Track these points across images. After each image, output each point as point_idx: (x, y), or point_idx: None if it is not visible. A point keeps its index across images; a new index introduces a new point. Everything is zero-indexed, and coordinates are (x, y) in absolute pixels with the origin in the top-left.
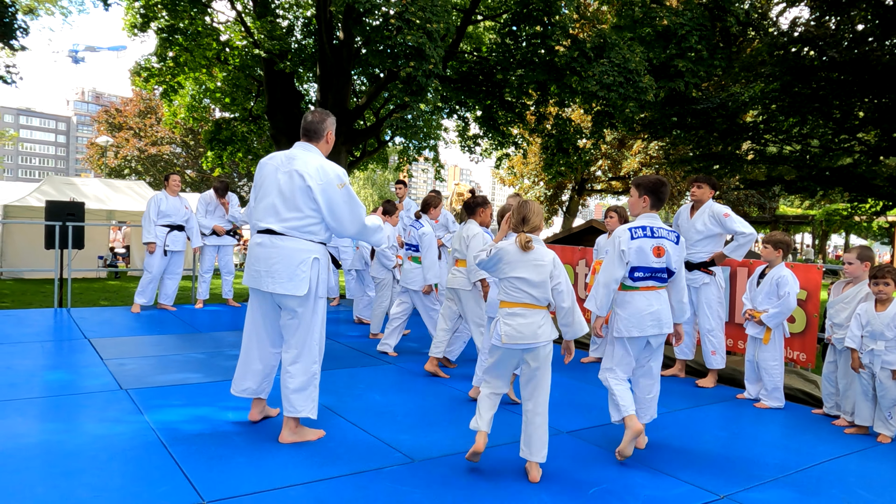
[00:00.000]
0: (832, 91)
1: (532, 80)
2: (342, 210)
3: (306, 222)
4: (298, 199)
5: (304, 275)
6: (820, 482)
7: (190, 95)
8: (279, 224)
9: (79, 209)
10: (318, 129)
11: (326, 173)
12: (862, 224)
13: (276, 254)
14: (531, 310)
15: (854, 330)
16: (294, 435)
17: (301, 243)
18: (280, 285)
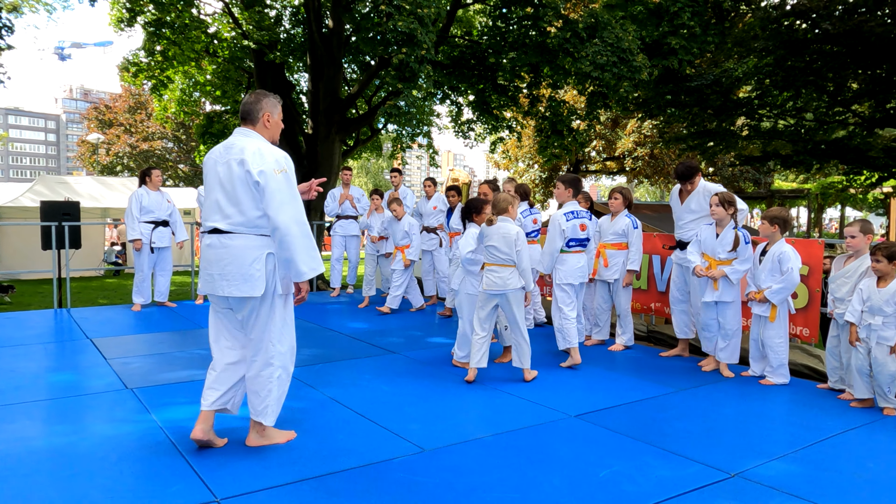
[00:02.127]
0: (826, 64)
1: (524, 62)
2: (276, 197)
3: (253, 215)
4: (239, 191)
5: (259, 273)
6: (829, 456)
7: (180, 89)
8: (224, 222)
9: (74, 209)
10: (251, 111)
11: (264, 157)
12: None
13: (227, 254)
14: (502, 268)
15: (855, 304)
16: (261, 438)
17: (251, 239)
18: (235, 287)
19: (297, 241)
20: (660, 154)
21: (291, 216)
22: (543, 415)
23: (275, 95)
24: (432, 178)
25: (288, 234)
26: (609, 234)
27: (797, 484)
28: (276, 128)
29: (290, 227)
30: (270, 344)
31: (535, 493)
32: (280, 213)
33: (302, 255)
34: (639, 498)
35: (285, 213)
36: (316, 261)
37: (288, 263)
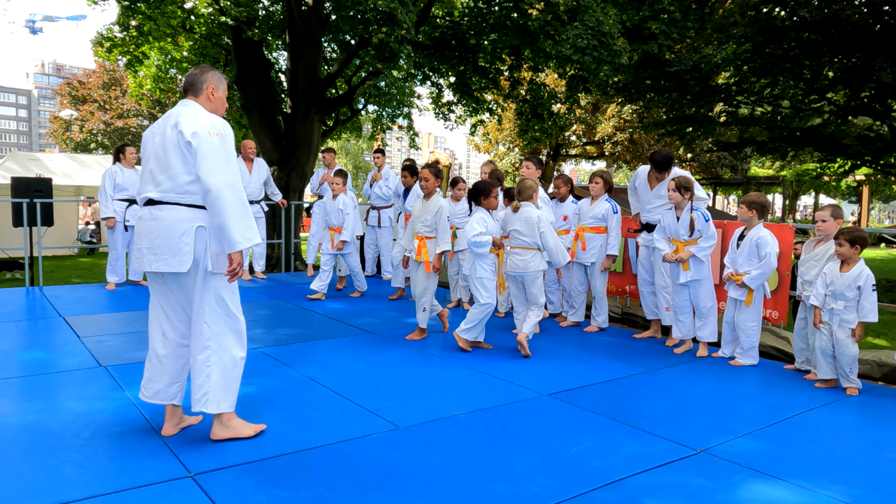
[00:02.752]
0: (803, 51)
1: (505, 44)
2: (210, 159)
3: (183, 181)
4: (171, 155)
5: (188, 247)
6: (792, 434)
7: (155, 66)
8: (156, 190)
9: (46, 185)
10: (195, 82)
11: (199, 120)
12: (831, 184)
13: (156, 227)
14: (525, 251)
15: (819, 288)
16: (225, 430)
17: (181, 211)
18: (163, 262)
19: (231, 207)
20: (639, 139)
21: (225, 180)
22: (517, 393)
23: (221, 72)
24: (411, 160)
25: (220, 199)
26: (588, 218)
27: (760, 460)
28: (219, 103)
29: (222, 190)
30: (205, 325)
31: (507, 470)
32: (212, 176)
33: (235, 223)
34: (608, 473)
35: (218, 176)
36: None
37: (220, 231)
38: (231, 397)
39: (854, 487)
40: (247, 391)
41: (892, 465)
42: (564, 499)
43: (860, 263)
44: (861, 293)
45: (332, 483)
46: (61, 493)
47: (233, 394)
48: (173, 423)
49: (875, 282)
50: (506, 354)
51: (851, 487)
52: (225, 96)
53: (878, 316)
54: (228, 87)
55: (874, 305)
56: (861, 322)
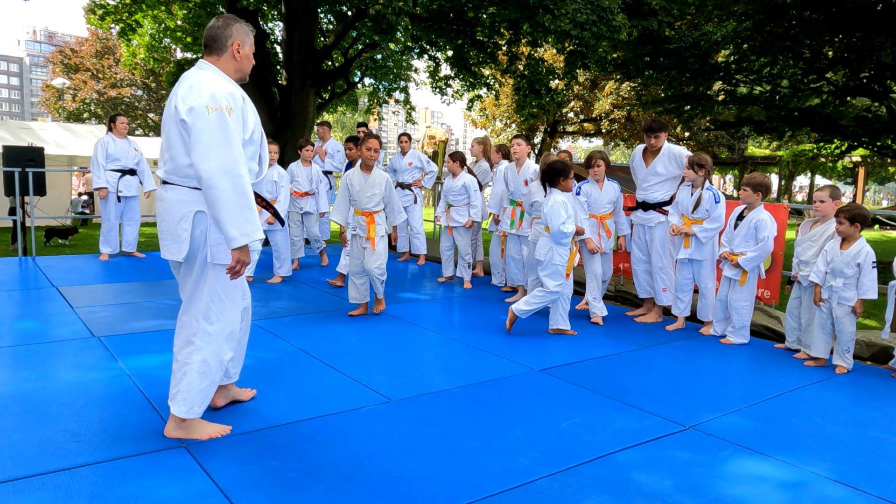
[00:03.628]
0: (803, 30)
1: (504, 18)
2: (203, 141)
3: (182, 162)
4: (172, 132)
5: (186, 234)
6: (780, 411)
7: (149, 35)
8: (162, 170)
9: (38, 154)
10: (218, 37)
11: (199, 91)
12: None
13: (162, 209)
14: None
15: (820, 266)
16: (178, 430)
17: (181, 193)
18: (166, 248)
19: (225, 197)
20: (637, 117)
21: (219, 165)
22: (509, 368)
23: (247, 23)
24: (407, 134)
25: (213, 188)
26: (606, 204)
27: (748, 436)
28: (246, 61)
29: (215, 178)
30: (195, 320)
31: (496, 443)
32: (204, 161)
33: (230, 215)
34: (597, 448)
35: (211, 160)
36: (250, 224)
37: (216, 224)
38: (204, 403)
39: (840, 464)
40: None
41: (877, 443)
42: (553, 472)
43: (861, 241)
44: (861, 270)
45: (324, 454)
46: (54, 462)
47: (207, 398)
48: (221, 395)
49: (875, 259)
50: (499, 329)
51: (837, 464)
52: (252, 51)
53: (876, 294)
54: None
55: (874, 283)
56: (861, 299)
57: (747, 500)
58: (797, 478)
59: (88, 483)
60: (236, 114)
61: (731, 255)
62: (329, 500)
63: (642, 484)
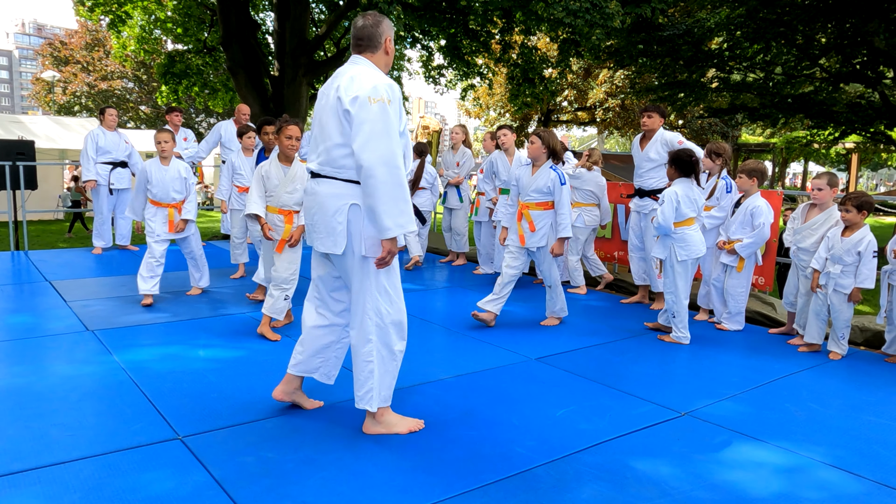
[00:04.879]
0: (796, 16)
1: (497, 6)
2: (367, 131)
3: (340, 153)
4: (330, 123)
5: (341, 227)
6: (775, 397)
7: (139, 26)
8: (315, 162)
9: (29, 148)
10: (373, 35)
11: (361, 83)
12: (820, 151)
13: (314, 202)
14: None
15: (821, 252)
16: (377, 425)
17: (336, 186)
18: (320, 241)
19: (384, 188)
20: (631, 105)
21: (380, 156)
22: (505, 357)
23: (389, 20)
24: None
25: (372, 177)
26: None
27: (742, 422)
28: (392, 56)
29: (375, 168)
30: (367, 316)
31: (493, 431)
32: (366, 150)
33: (387, 206)
34: (593, 435)
35: (373, 150)
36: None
37: (371, 214)
38: (388, 392)
39: (834, 448)
40: (236, 354)
41: (871, 427)
42: (549, 460)
43: (864, 229)
44: (861, 259)
45: (320, 444)
46: (50, 455)
47: (390, 389)
48: (285, 389)
49: (877, 248)
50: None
51: (832, 448)
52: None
53: (874, 283)
54: (212, 48)
55: (872, 272)
56: (858, 287)
57: (744, 486)
58: (793, 463)
59: (84, 476)
60: (395, 105)
61: (728, 243)
62: (325, 490)
63: (639, 471)
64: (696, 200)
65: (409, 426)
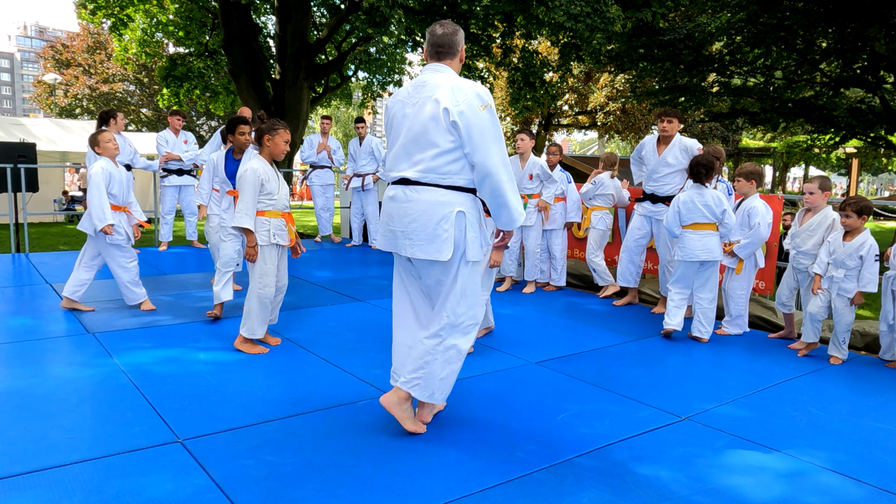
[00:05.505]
0: (797, 20)
1: (498, 10)
2: (484, 137)
3: (444, 160)
4: (432, 133)
5: (447, 234)
6: (775, 401)
7: (141, 29)
8: (411, 169)
9: (30, 150)
10: (452, 43)
11: (463, 92)
12: (821, 156)
13: (412, 209)
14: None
15: (822, 256)
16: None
17: (440, 193)
18: (419, 248)
19: (508, 186)
20: (631, 109)
21: (500, 159)
22: (505, 361)
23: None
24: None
25: (499, 180)
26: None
27: (743, 426)
28: (462, 63)
29: (499, 170)
30: (446, 314)
31: (493, 435)
32: (489, 158)
33: (514, 201)
34: (593, 440)
35: (491, 154)
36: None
37: (501, 211)
38: (447, 391)
39: (835, 453)
40: (237, 357)
41: (872, 432)
42: (550, 464)
43: (865, 233)
44: (863, 263)
45: (320, 448)
46: (50, 458)
47: (450, 387)
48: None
49: (878, 252)
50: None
51: (833, 453)
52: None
53: (877, 287)
54: (214, 51)
55: (875, 276)
56: (860, 291)
57: (745, 490)
58: (794, 467)
59: (84, 479)
60: (493, 107)
61: (727, 245)
62: (325, 493)
63: (639, 475)
64: (707, 206)
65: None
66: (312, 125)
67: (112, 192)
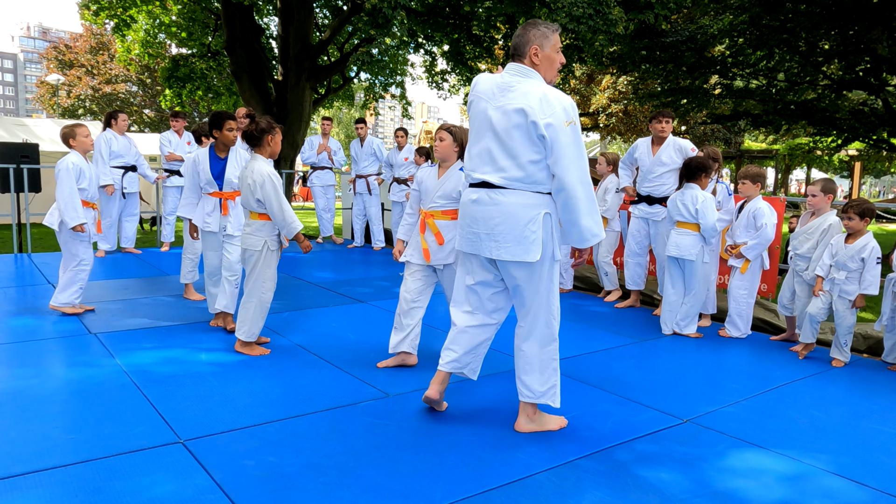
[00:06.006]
0: (800, 23)
1: (500, 12)
2: (565, 153)
3: (531, 170)
4: (518, 141)
5: (535, 236)
6: (777, 404)
7: (143, 30)
8: (497, 175)
9: (33, 151)
10: (518, 45)
11: (552, 106)
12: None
13: (498, 212)
14: None
15: (825, 259)
16: (531, 423)
17: (527, 197)
18: (506, 250)
19: (583, 204)
20: (633, 111)
21: (578, 176)
22: (507, 363)
23: (549, 25)
24: (404, 129)
25: (574, 197)
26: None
27: (745, 429)
28: (547, 63)
29: (576, 188)
30: (551, 317)
31: (495, 437)
32: (568, 173)
33: (586, 220)
34: (595, 441)
35: (573, 172)
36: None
37: (570, 227)
38: (556, 391)
39: (837, 456)
40: (238, 358)
41: (874, 435)
42: (551, 466)
43: (867, 236)
44: (865, 265)
45: (322, 449)
46: (51, 458)
47: (557, 386)
48: (440, 389)
49: (881, 255)
50: None
51: (835, 456)
52: (554, 51)
53: (878, 290)
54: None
55: (876, 278)
56: (862, 294)
57: (746, 493)
58: (796, 470)
59: (86, 479)
60: (577, 122)
61: (734, 248)
62: (327, 494)
63: (641, 477)
64: (684, 204)
65: (558, 423)
66: (314, 126)
67: (82, 187)
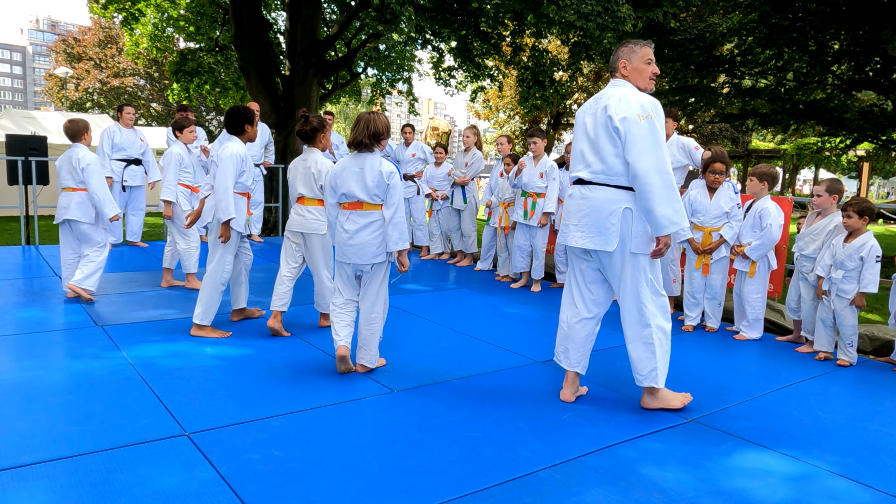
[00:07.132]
0: (809, 22)
1: (508, 8)
2: (638, 143)
3: (612, 163)
4: (602, 138)
5: (614, 228)
6: (782, 404)
7: (152, 24)
8: (586, 171)
9: (41, 143)
10: (612, 61)
11: (629, 102)
12: (831, 158)
13: (585, 206)
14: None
15: (826, 259)
16: (654, 400)
17: (609, 192)
18: (588, 239)
19: (657, 192)
20: None
21: (652, 164)
22: (511, 360)
23: (638, 42)
24: (411, 125)
25: (647, 184)
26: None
27: (749, 429)
28: (636, 73)
29: (649, 175)
30: (643, 305)
31: (498, 434)
32: (640, 161)
33: (661, 208)
34: (599, 439)
35: (646, 160)
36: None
37: (647, 215)
38: (667, 368)
39: (843, 457)
40: (244, 352)
41: (880, 437)
42: (555, 464)
43: (867, 234)
44: (863, 264)
45: (326, 444)
46: (57, 449)
47: (667, 365)
48: (571, 391)
49: (880, 253)
50: (500, 321)
51: (841, 457)
52: (643, 62)
53: (877, 287)
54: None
55: (875, 277)
56: (861, 292)
57: (751, 493)
58: (801, 471)
59: (92, 471)
60: (659, 119)
61: (739, 247)
62: (331, 488)
63: (645, 476)
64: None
65: (682, 400)
66: None
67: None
